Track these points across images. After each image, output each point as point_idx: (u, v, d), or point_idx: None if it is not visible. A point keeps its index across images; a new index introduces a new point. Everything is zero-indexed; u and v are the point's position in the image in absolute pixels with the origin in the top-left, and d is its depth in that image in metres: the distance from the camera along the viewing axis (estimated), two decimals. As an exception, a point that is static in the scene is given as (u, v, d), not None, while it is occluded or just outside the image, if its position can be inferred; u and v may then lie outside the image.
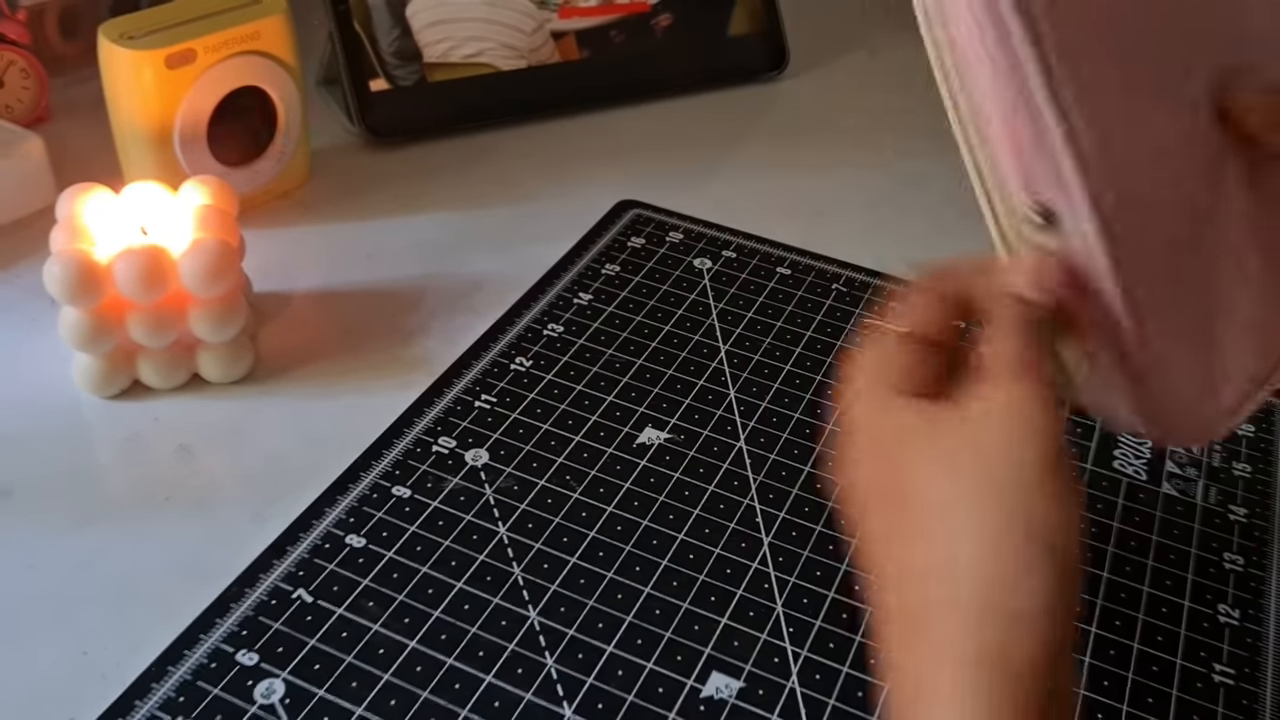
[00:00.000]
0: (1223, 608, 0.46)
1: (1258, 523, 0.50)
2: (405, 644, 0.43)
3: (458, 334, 0.58)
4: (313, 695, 0.41)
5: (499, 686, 0.42)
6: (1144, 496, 0.51)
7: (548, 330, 0.58)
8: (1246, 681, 0.43)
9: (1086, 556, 0.48)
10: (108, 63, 0.60)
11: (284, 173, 0.67)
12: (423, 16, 0.73)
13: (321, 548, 0.47)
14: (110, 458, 0.51)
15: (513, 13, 0.75)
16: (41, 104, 0.73)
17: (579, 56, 0.77)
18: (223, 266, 0.51)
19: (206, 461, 0.51)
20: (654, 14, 0.78)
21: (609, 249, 0.65)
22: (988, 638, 0.31)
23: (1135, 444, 0.53)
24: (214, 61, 0.61)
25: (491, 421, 0.53)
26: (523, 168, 0.72)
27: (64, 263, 0.50)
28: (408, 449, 0.51)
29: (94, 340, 0.52)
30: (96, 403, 0.54)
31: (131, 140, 0.62)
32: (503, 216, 0.68)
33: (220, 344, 0.54)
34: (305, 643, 0.43)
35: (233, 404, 0.54)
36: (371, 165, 0.72)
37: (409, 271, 0.63)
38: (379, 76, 0.72)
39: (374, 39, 0.71)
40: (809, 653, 0.43)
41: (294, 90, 0.65)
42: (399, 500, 0.49)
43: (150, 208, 0.54)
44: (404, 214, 0.68)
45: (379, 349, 0.57)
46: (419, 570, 0.46)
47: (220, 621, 0.44)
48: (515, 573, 0.46)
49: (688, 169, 0.73)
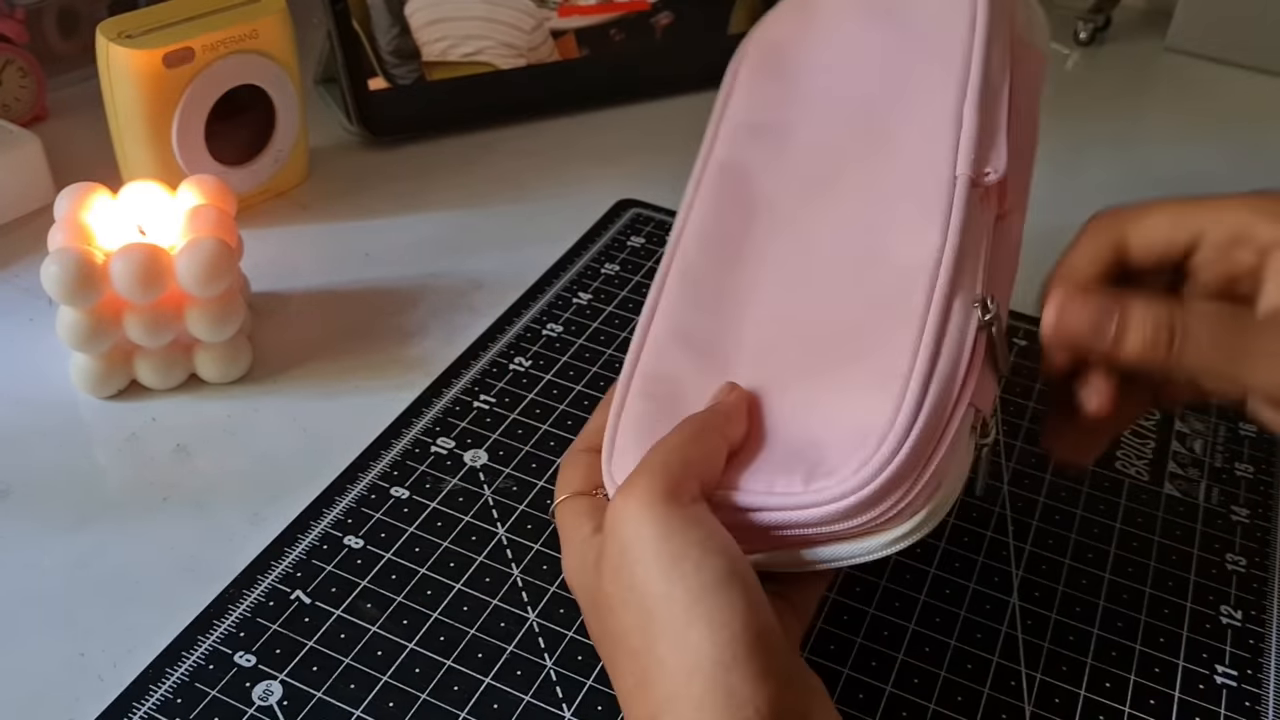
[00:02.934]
0: (1225, 609, 0.46)
1: (1260, 524, 0.50)
2: (404, 645, 0.43)
3: (456, 334, 0.58)
4: (311, 697, 0.41)
5: (498, 688, 0.42)
6: (1146, 497, 0.51)
7: (547, 330, 0.58)
8: (1249, 683, 0.43)
9: (1087, 558, 0.48)
10: (105, 61, 0.59)
11: (282, 172, 0.67)
12: (421, 15, 0.72)
13: (319, 549, 0.46)
14: (108, 458, 0.51)
15: (512, 11, 0.75)
16: (39, 103, 0.72)
17: (578, 55, 0.77)
18: (220, 266, 0.51)
19: (204, 462, 0.51)
20: (654, 12, 0.78)
21: (609, 248, 0.64)
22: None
23: (1136, 445, 0.53)
24: (212, 60, 0.61)
25: (490, 422, 0.53)
26: (522, 167, 0.72)
27: (61, 262, 0.50)
28: (406, 449, 0.51)
29: (91, 340, 0.52)
30: (94, 403, 0.54)
31: (129, 139, 0.62)
32: (502, 216, 0.68)
33: (218, 344, 0.53)
34: (303, 644, 0.43)
35: (231, 404, 0.54)
36: (370, 164, 0.72)
37: (407, 271, 0.63)
38: (377, 75, 0.72)
39: (372, 38, 0.71)
40: (809, 654, 0.43)
41: (292, 89, 0.65)
42: (397, 501, 0.49)
43: (148, 207, 0.53)
44: (402, 213, 0.68)
45: (377, 349, 0.57)
46: (417, 571, 0.46)
47: (218, 623, 0.43)
48: (514, 574, 0.46)
49: (688, 169, 0.72)
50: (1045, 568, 0.47)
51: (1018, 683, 0.43)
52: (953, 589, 0.46)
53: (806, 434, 0.36)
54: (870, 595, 0.45)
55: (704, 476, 0.35)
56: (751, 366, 0.40)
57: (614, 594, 0.34)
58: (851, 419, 0.36)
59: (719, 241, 0.44)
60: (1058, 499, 0.50)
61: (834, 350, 0.38)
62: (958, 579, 0.46)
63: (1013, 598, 0.46)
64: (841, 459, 0.35)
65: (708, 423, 0.37)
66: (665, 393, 0.40)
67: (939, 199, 0.39)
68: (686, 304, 0.42)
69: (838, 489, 0.34)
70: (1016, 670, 0.43)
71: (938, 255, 0.38)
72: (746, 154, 0.46)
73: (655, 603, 0.32)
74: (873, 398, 0.36)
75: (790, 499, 0.35)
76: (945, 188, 0.40)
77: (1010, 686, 0.43)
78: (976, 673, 0.43)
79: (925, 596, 0.46)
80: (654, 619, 0.32)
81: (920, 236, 0.39)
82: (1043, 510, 0.50)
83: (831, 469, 0.35)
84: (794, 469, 0.35)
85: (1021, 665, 0.43)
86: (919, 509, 0.35)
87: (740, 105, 0.48)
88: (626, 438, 0.38)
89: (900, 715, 0.42)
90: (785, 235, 0.43)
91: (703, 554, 0.32)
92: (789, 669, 0.32)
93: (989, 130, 0.41)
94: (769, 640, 0.32)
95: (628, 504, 0.34)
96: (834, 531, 0.35)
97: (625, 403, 0.40)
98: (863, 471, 0.34)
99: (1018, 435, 0.53)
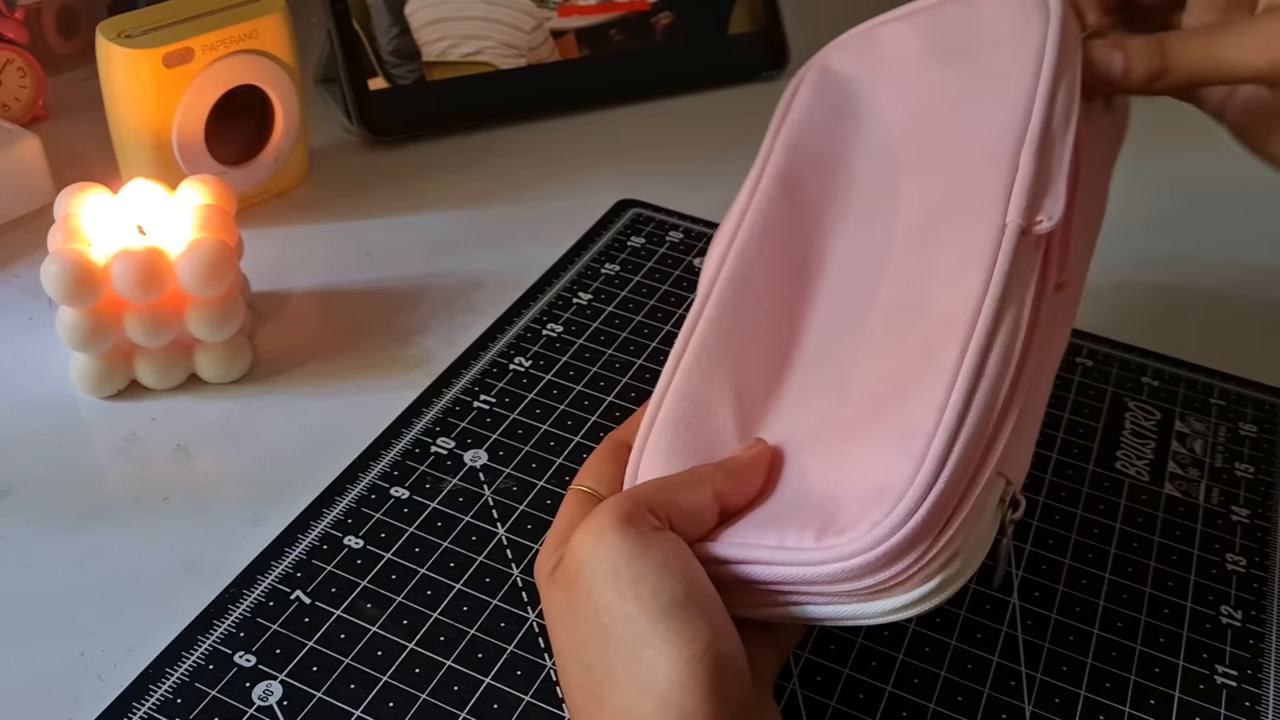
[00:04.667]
0: (1225, 609, 0.46)
1: (1260, 524, 0.50)
2: (404, 645, 0.43)
3: (456, 334, 0.58)
4: (311, 697, 0.41)
5: (498, 688, 0.42)
6: (1146, 497, 0.51)
7: (547, 330, 0.58)
8: (1249, 683, 0.43)
9: (1087, 558, 0.48)
10: (105, 61, 0.59)
11: (282, 172, 0.67)
12: (421, 15, 0.72)
13: (320, 549, 0.46)
14: (108, 458, 0.51)
15: (512, 11, 0.75)
16: (39, 103, 0.72)
17: (578, 55, 0.77)
18: (220, 266, 0.51)
19: (204, 462, 0.51)
20: (654, 12, 0.78)
21: (609, 248, 0.64)
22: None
23: (1137, 445, 0.53)
24: (212, 60, 0.61)
25: (490, 422, 0.53)
26: (522, 167, 0.72)
27: (61, 262, 0.50)
28: (406, 449, 0.51)
29: (91, 340, 0.51)
30: (94, 403, 0.54)
31: (129, 139, 0.62)
32: (502, 216, 0.68)
33: (218, 344, 0.53)
34: (303, 644, 0.43)
35: (230, 404, 0.54)
36: (370, 164, 0.72)
37: (408, 271, 0.63)
38: (377, 75, 0.72)
39: (373, 37, 0.71)
40: (810, 654, 0.43)
41: (292, 89, 0.65)
42: (397, 501, 0.49)
43: (148, 207, 0.53)
44: (403, 213, 0.68)
45: (377, 349, 0.57)
46: (417, 571, 0.46)
47: (218, 623, 0.43)
48: (514, 574, 0.46)
49: (688, 169, 0.72)
50: (1045, 568, 0.47)
51: (1018, 683, 0.43)
52: (953, 589, 0.46)
53: (825, 489, 0.35)
54: (870, 595, 0.45)
55: (677, 520, 0.35)
56: (784, 415, 0.39)
57: (568, 607, 0.34)
58: (871, 476, 0.34)
59: (772, 265, 0.42)
60: (1058, 499, 0.50)
61: (865, 403, 0.37)
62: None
63: (1013, 598, 0.46)
64: (855, 517, 0.34)
65: (704, 476, 0.36)
66: (696, 425, 0.39)
67: (985, 246, 0.37)
68: (733, 326, 0.41)
69: (847, 548, 0.33)
70: (1016, 670, 0.43)
71: (977, 305, 0.36)
72: (805, 177, 0.44)
73: (613, 620, 0.32)
74: (894, 454, 0.34)
75: (799, 555, 0.34)
76: (994, 234, 0.37)
77: (1010, 686, 0.43)
78: (976, 673, 0.43)
79: (925, 596, 0.46)
80: (609, 635, 0.32)
81: (961, 284, 0.37)
82: (1043, 510, 0.50)
83: (844, 527, 0.34)
84: (807, 525, 0.34)
85: (1021, 665, 0.43)
86: (932, 575, 0.34)
87: (800, 129, 0.46)
88: (651, 470, 0.38)
89: (900, 715, 0.42)
90: (837, 275, 0.42)
91: (661, 578, 0.32)
92: (747, 700, 0.32)
93: (1044, 175, 0.39)
94: (728, 666, 0.32)
95: (590, 523, 0.34)
96: (840, 591, 0.34)
97: (656, 423, 0.39)
98: (875, 531, 0.33)
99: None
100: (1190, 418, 0.55)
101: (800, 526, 0.35)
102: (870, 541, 0.33)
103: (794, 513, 0.35)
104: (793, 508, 0.36)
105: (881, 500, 0.33)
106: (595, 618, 0.33)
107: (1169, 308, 0.63)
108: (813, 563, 0.34)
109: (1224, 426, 0.55)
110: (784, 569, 0.34)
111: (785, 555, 0.34)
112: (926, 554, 0.33)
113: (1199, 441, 0.54)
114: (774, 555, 0.34)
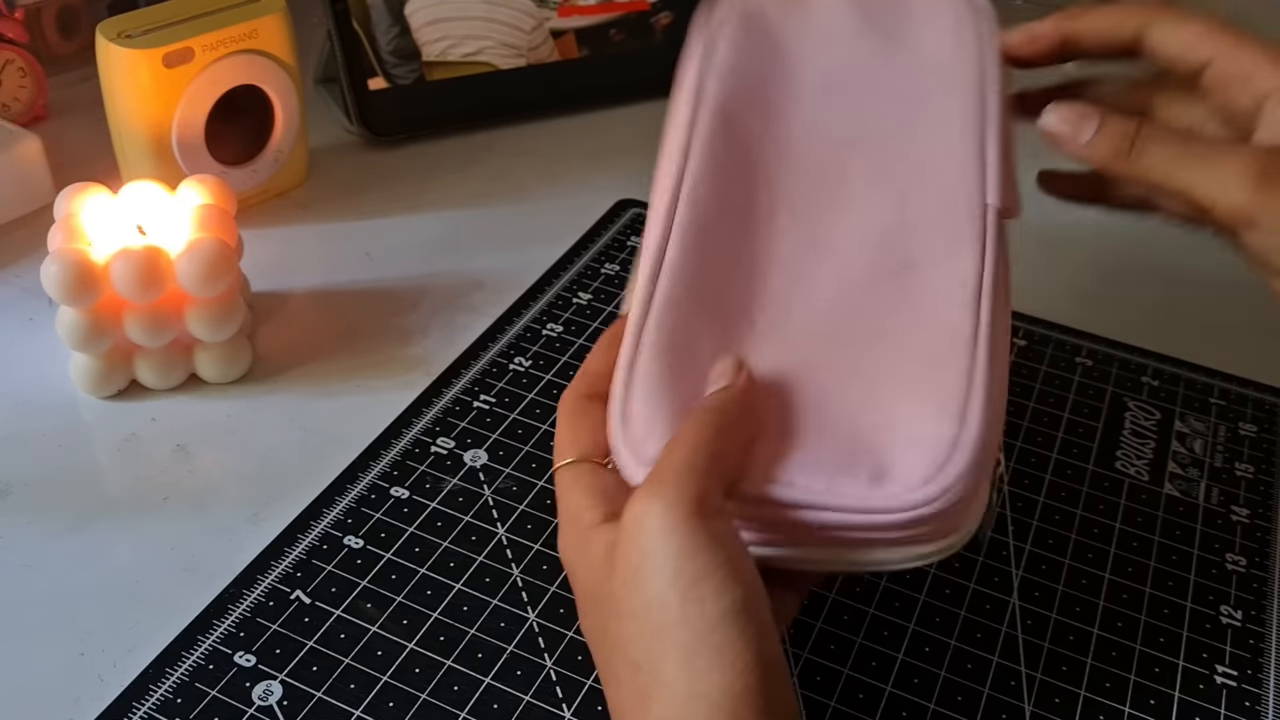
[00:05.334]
0: (1225, 609, 0.46)
1: (1260, 524, 0.50)
2: (404, 645, 0.43)
3: (456, 334, 0.58)
4: (311, 697, 0.41)
5: (498, 688, 0.42)
6: (1145, 497, 0.51)
7: (547, 330, 0.58)
8: (1249, 683, 0.43)
9: (1087, 558, 0.48)
10: (105, 61, 0.59)
11: (282, 172, 0.67)
12: (421, 15, 0.72)
13: (319, 549, 0.46)
14: (108, 458, 0.51)
15: (512, 11, 0.75)
16: (39, 103, 0.72)
17: (578, 55, 0.77)
18: (220, 266, 0.51)
19: (204, 462, 0.51)
20: (654, 12, 0.78)
21: (608, 248, 0.64)
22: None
23: (1137, 445, 0.53)
24: (212, 60, 0.61)
25: (490, 422, 0.53)
26: (522, 167, 0.72)
27: (61, 262, 0.50)
28: (406, 449, 0.51)
29: (91, 340, 0.52)
30: (94, 403, 0.54)
31: (129, 139, 0.62)
32: (502, 216, 0.68)
33: (218, 344, 0.53)
34: (303, 644, 0.43)
35: (230, 404, 0.54)
36: (370, 164, 0.72)
37: (407, 271, 0.63)
38: (377, 75, 0.72)
39: (372, 38, 0.71)
40: (810, 654, 0.43)
41: (292, 89, 0.65)
42: (397, 501, 0.49)
43: (148, 207, 0.53)
44: (403, 213, 0.68)
45: (377, 349, 0.57)
46: (417, 571, 0.46)
47: (218, 623, 0.43)
48: (514, 574, 0.46)
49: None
50: (1045, 568, 0.47)
51: (1018, 683, 0.43)
52: (953, 589, 0.46)
53: (857, 434, 0.36)
54: (870, 595, 0.45)
55: (730, 476, 0.34)
56: (780, 347, 0.39)
57: (623, 600, 0.33)
58: (910, 428, 0.36)
59: (726, 200, 0.42)
60: (1058, 499, 0.50)
61: (880, 354, 0.38)
62: (958, 579, 0.46)
63: (1013, 598, 0.46)
64: (908, 468, 0.35)
65: (729, 414, 0.35)
66: (682, 357, 0.38)
67: (970, 227, 0.40)
68: (699, 261, 0.40)
69: (908, 497, 0.34)
70: (1016, 670, 0.43)
71: (976, 283, 0.39)
72: (743, 114, 0.44)
73: (669, 622, 0.32)
74: (931, 412, 0.36)
75: (855, 501, 0.35)
76: (975, 215, 0.41)
77: (1010, 686, 0.43)
78: (976, 673, 0.43)
79: (925, 596, 0.46)
80: (663, 636, 0.32)
81: (955, 262, 0.40)
82: (1043, 510, 0.50)
83: (896, 476, 0.35)
84: (854, 470, 0.35)
85: (1021, 665, 0.43)
86: (960, 527, 0.36)
87: (731, 68, 0.45)
88: (644, 404, 0.36)
89: (900, 715, 0.42)
90: (791, 218, 0.42)
91: (723, 579, 0.32)
92: (789, 702, 0.32)
93: (1010, 162, 0.42)
94: (775, 671, 0.32)
95: (651, 510, 0.32)
96: (888, 538, 0.35)
97: (637, 359, 0.38)
98: (933, 484, 0.34)
99: (1018, 435, 0.53)
100: (1190, 417, 0.55)
101: (848, 472, 0.35)
102: (929, 494, 0.34)
103: (834, 456, 0.36)
104: (830, 450, 0.36)
105: (933, 452, 0.35)
106: (651, 616, 0.32)
107: (1169, 308, 0.63)
108: (871, 510, 0.35)
109: (1224, 426, 0.55)
110: (835, 515, 0.35)
111: (838, 500, 0.35)
112: (970, 506, 0.36)
113: (1199, 441, 0.54)
114: (826, 500, 0.35)
